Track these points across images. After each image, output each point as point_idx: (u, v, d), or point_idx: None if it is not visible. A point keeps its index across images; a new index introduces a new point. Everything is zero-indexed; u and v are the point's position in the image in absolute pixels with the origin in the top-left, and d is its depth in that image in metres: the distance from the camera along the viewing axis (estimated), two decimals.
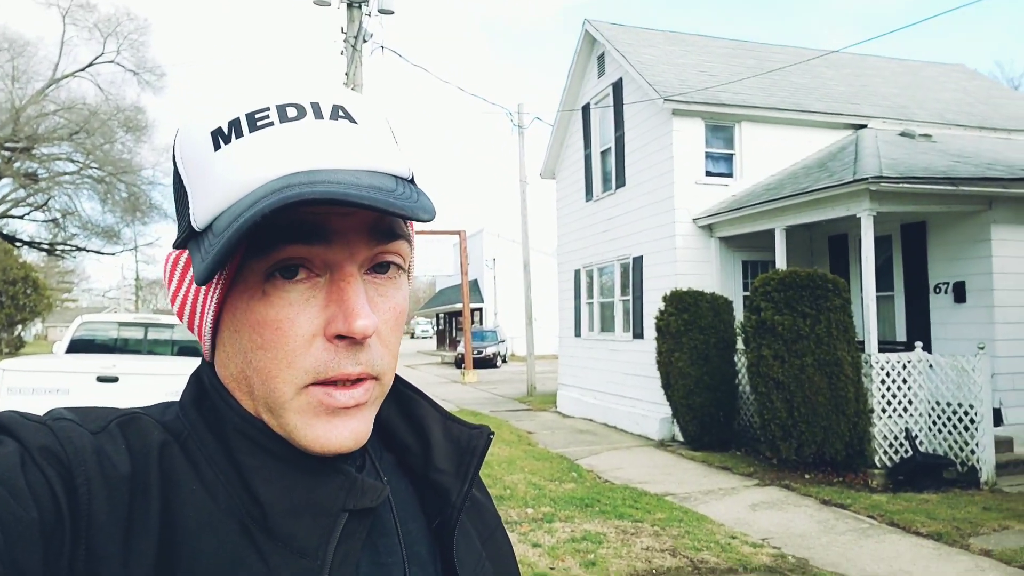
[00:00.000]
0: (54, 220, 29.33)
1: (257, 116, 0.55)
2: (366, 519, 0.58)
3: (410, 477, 0.68)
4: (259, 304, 0.55)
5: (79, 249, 30.79)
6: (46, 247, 31.10)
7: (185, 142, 0.58)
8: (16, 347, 38.55)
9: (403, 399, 0.71)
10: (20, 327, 41.42)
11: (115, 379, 7.23)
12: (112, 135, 28.32)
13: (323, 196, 0.48)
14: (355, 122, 0.57)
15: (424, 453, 0.68)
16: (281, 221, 0.51)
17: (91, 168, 28.03)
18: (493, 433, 0.73)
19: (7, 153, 26.43)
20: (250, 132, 0.54)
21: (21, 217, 29.17)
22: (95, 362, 7.66)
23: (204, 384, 0.61)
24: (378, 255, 0.57)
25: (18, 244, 31.55)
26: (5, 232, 29.89)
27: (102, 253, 31.08)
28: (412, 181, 0.59)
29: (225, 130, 0.55)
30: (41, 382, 7.23)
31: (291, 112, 0.55)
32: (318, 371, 0.55)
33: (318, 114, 0.55)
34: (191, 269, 0.58)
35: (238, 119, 0.55)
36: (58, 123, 27.20)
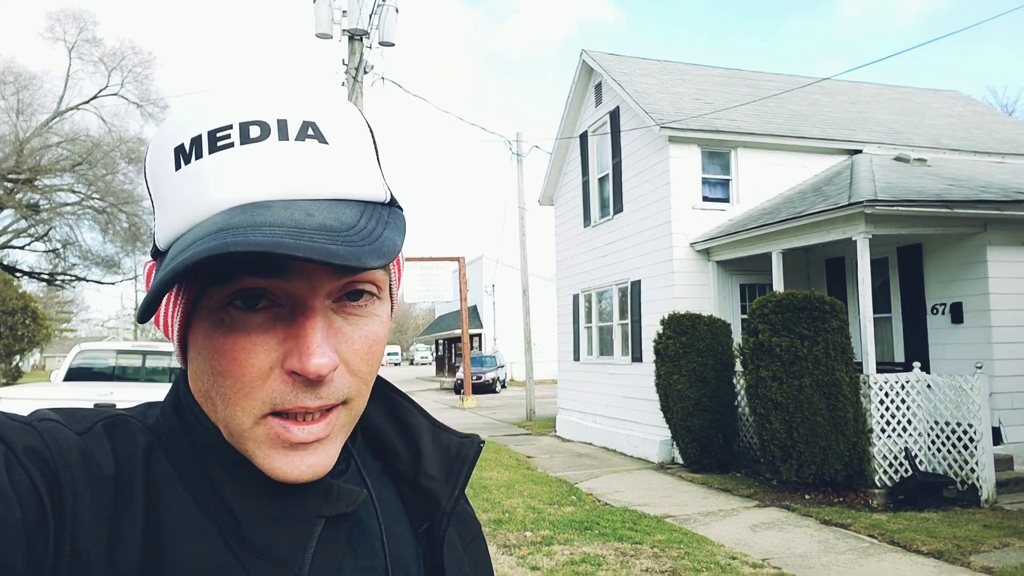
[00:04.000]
0: (54, 250, 29.45)
1: (219, 135, 0.53)
2: (344, 524, 0.57)
3: (396, 483, 0.68)
4: (217, 331, 0.53)
5: (79, 279, 30.85)
6: (46, 277, 31.16)
7: (153, 156, 0.57)
8: (14, 377, 38.43)
9: (394, 406, 0.71)
10: (18, 357, 41.35)
11: (112, 406, 7.22)
12: (114, 166, 28.57)
13: (249, 248, 0.46)
14: (325, 142, 0.54)
15: (414, 460, 0.68)
16: (236, 257, 0.49)
17: (92, 199, 28.23)
18: (483, 442, 0.73)
19: (10, 184, 26.63)
20: (209, 153, 0.52)
21: (22, 248, 29.30)
22: (92, 390, 7.66)
23: (180, 394, 0.61)
24: (348, 283, 0.55)
25: (18, 275, 31.61)
26: (5, 263, 29.97)
27: (102, 283, 31.15)
28: (392, 203, 0.58)
29: (187, 148, 0.53)
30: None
31: (254, 132, 0.53)
32: (275, 402, 0.53)
33: (283, 134, 0.53)
34: None
35: (200, 137, 0.53)
36: (61, 155, 27.47)
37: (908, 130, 13.08)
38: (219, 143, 0.53)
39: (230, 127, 0.53)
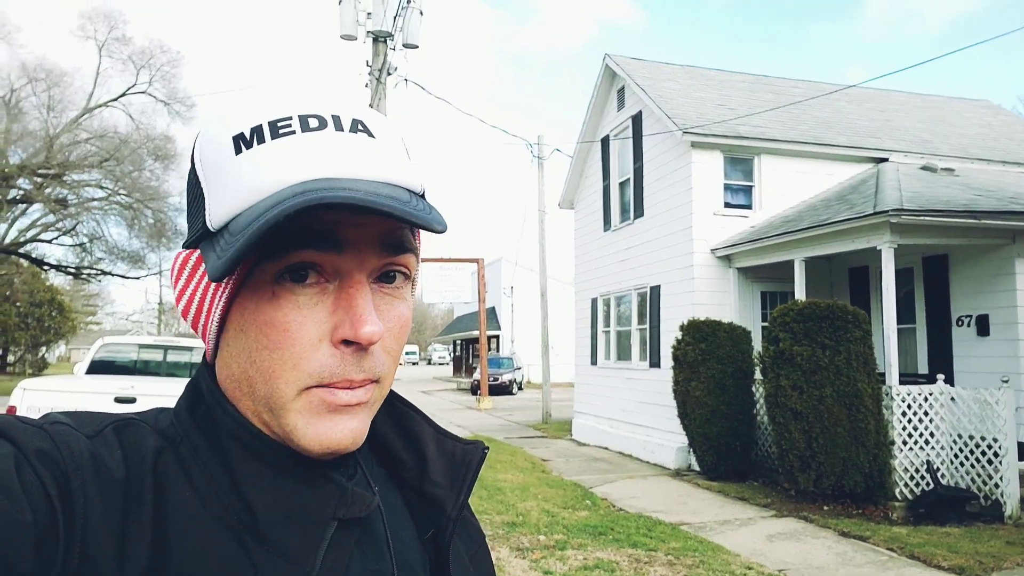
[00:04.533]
0: (81, 244, 29.88)
1: (279, 124, 0.56)
2: (355, 528, 0.58)
3: (402, 490, 0.69)
4: (268, 305, 0.55)
5: (104, 273, 31.26)
6: (72, 271, 31.63)
7: (206, 144, 0.59)
8: (39, 368, 39.13)
9: (399, 414, 0.72)
10: (44, 349, 42.09)
11: (132, 400, 7.30)
12: (141, 163, 28.97)
13: (345, 200, 0.49)
14: (373, 136, 0.58)
15: (419, 467, 0.69)
16: (296, 227, 0.52)
17: (119, 195, 28.62)
18: (487, 448, 0.74)
19: (39, 179, 27.09)
20: (272, 139, 0.55)
21: (49, 241, 29.76)
22: (113, 383, 7.74)
23: (201, 390, 0.62)
24: (386, 265, 0.58)
25: (46, 268, 32.16)
26: (34, 256, 30.50)
27: (127, 277, 31.56)
28: (423, 196, 0.61)
29: (247, 135, 0.56)
30: (60, 402, 7.33)
31: (313, 123, 0.56)
32: (322, 376, 0.55)
33: (338, 126, 0.57)
34: (200, 268, 0.59)
35: (260, 126, 0.56)
36: (89, 151, 27.89)
37: (936, 139, 12.89)
38: (281, 131, 0.56)
39: (290, 118, 0.56)
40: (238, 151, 0.56)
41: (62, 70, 28.10)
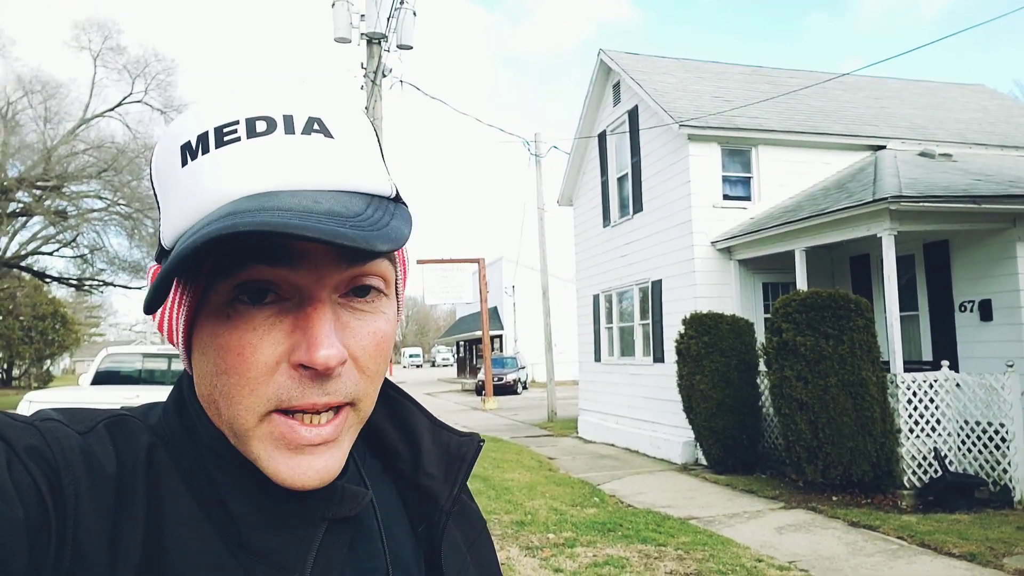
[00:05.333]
0: (82, 256, 29.88)
1: (225, 130, 0.53)
2: (347, 527, 0.57)
3: (395, 482, 0.68)
4: (223, 327, 0.52)
5: (106, 284, 31.27)
6: (74, 282, 31.66)
7: (159, 156, 0.57)
8: (44, 381, 39.18)
9: (394, 404, 0.70)
10: (49, 361, 42.14)
11: None
12: (139, 172, 28.96)
13: (258, 228, 0.45)
14: (331, 136, 0.54)
15: (414, 458, 0.68)
16: (242, 242, 0.49)
17: (119, 205, 28.63)
18: (483, 440, 0.72)
19: (38, 192, 27.11)
20: (216, 147, 0.52)
21: (50, 253, 29.78)
22: (119, 393, 7.76)
23: (184, 393, 0.61)
24: (355, 278, 0.54)
25: (47, 280, 32.19)
26: (35, 269, 30.53)
27: (129, 288, 31.54)
28: (396, 198, 0.57)
29: (193, 144, 0.53)
30: None
31: (260, 126, 0.53)
32: (280, 398, 0.52)
33: (289, 128, 0.53)
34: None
35: (206, 133, 0.53)
36: (87, 162, 27.89)
37: (933, 125, 12.86)
38: (225, 138, 0.53)
39: (236, 123, 0.53)
40: (184, 162, 0.53)
41: (58, 81, 28.10)
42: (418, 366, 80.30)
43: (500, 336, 39.52)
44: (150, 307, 0.50)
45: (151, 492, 0.52)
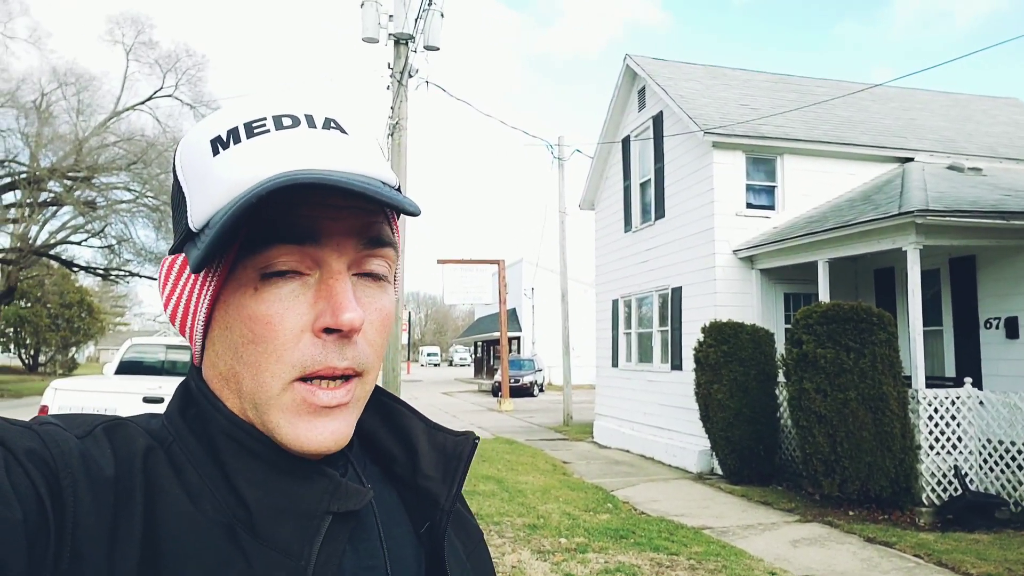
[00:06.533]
0: (110, 246, 30.36)
1: (254, 124, 0.58)
2: (349, 522, 0.59)
3: (396, 487, 0.70)
4: (251, 300, 0.57)
5: (132, 274, 31.75)
6: (101, 272, 32.19)
7: (185, 151, 0.61)
8: (70, 368, 39.85)
9: (387, 411, 0.72)
10: (74, 349, 42.85)
11: (160, 400, 7.41)
12: (168, 166, 29.34)
13: (318, 181, 0.52)
14: (346, 133, 0.60)
15: (411, 461, 0.70)
16: (274, 220, 0.55)
17: (147, 197, 29.05)
18: (479, 439, 0.74)
19: (69, 182, 27.61)
20: (247, 138, 0.58)
21: (79, 243, 30.31)
22: (142, 383, 7.87)
23: (191, 390, 0.63)
24: (365, 258, 0.60)
25: (75, 269, 32.76)
26: (64, 257, 31.08)
27: (154, 279, 32.02)
28: (397, 190, 0.62)
29: (224, 137, 0.58)
30: (90, 401, 7.46)
31: (286, 121, 0.59)
32: (305, 365, 0.57)
33: (311, 124, 0.59)
34: (185, 271, 0.60)
35: (236, 128, 0.59)
36: (117, 154, 28.35)
37: (962, 138, 12.68)
38: (255, 130, 0.58)
39: (264, 119, 0.59)
40: (215, 153, 0.58)
41: (91, 74, 28.69)
42: (436, 365, 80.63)
43: (518, 338, 39.53)
44: (203, 262, 0.55)
45: (148, 494, 0.54)
